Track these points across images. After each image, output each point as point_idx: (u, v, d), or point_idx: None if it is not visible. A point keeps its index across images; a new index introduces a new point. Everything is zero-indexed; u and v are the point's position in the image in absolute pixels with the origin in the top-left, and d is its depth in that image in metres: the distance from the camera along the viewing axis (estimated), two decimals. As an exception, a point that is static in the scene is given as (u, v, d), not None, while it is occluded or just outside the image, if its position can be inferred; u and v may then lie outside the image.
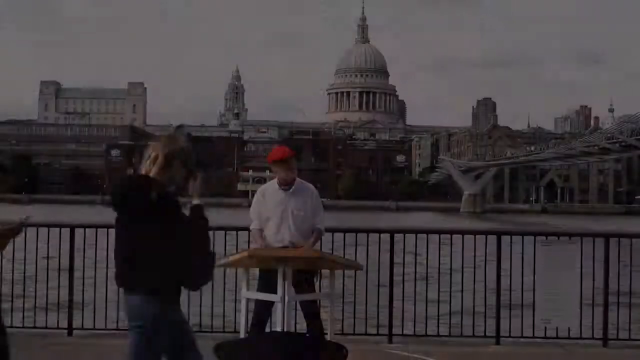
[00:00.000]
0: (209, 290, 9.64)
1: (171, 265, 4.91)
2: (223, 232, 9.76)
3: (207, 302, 9.74)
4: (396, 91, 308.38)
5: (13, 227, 4.89)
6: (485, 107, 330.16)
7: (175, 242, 4.90)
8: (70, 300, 9.46)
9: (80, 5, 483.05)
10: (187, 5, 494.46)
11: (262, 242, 7.43)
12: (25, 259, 9.88)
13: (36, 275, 10.17)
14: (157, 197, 4.90)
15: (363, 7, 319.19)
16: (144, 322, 4.94)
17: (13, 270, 9.67)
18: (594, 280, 9.74)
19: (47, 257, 9.55)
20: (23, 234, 4.95)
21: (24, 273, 10.03)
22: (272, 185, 7.56)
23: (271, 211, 7.44)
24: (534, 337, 9.55)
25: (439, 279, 10.02)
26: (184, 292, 9.62)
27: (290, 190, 7.43)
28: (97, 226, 9.73)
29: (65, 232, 9.57)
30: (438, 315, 10.25)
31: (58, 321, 9.68)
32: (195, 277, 5.10)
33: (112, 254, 9.85)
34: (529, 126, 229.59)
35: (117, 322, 9.82)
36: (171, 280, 4.98)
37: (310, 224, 7.49)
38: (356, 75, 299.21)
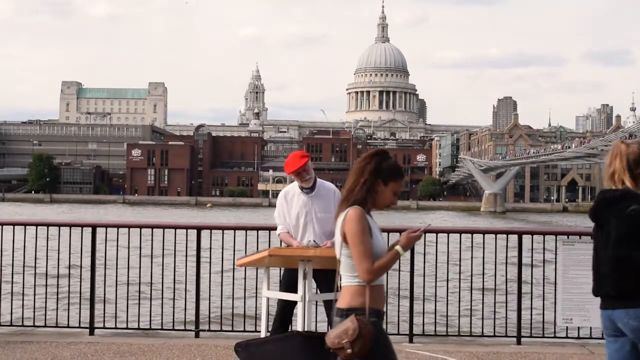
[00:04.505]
0: (229, 290, 9.71)
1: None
2: (244, 231, 9.79)
3: (228, 301, 9.76)
4: (416, 90, 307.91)
5: (418, 235, 4.77)
6: (506, 106, 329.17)
7: None
8: (92, 300, 9.52)
9: (101, 6, 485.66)
10: (207, 5, 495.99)
11: (297, 242, 7.33)
12: (47, 258, 9.94)
13: (58, 275, 10.23)
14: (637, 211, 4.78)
15: (383, 6, 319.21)
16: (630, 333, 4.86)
17: (36, 269, 9.74)
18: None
19: (69, 256, 9.60)
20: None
21: (46, 271, 10.08)
22: (294, 188, 7.50)
23: (296, 214, 7.41)
24: (555, 336, 9.51)
25: (459, 278, 9.98)
26: (205, 291, 9.64)
27: (313, 193, 7.40)
28: (118, 225, 9.78)
29: (87, 231, 9.63)
30: (459, 315, 10.22)
31: (80, 320, 9.74)
32: None
33: (132, 254, 9.94)
34: (549, 125, 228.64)
35: (138, 321, 9.87)
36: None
37: (333, 223, 7.44)
38: (376, 75, 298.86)
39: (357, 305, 4.57)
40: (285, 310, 7.39)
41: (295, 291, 6.78)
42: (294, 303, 7.09)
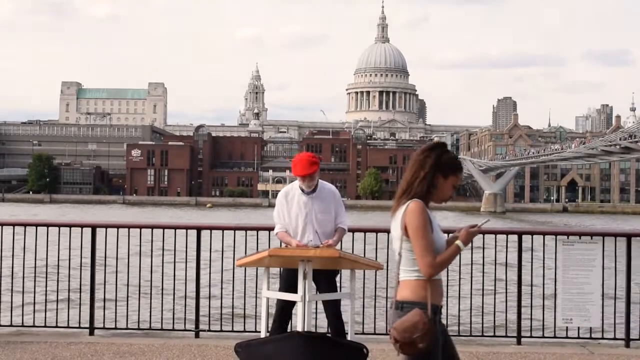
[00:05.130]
0: (229, 290, 9.71)
1: None
2: (244, 231, 9.78)
3: (228, 301, 9.75)
4: (416, 90, 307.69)
5: (477, 230, 4.69)
6: (506, 106, 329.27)
7: None
8: (92, 300, 9.51)
9: (101, 6, 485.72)
10: (207, 5, 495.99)
11: (297, 241, 7.33)
12: (47, 258, 9.93)
13: (58, 275, 10.23)
14: None
15: (383, 7, 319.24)
16: None
17: (36, 269, 9.73)
18: (616, 280, 9.68)
19: (69, 257, 9.60)
20: None
21: (46, 272, 10.08)
22: (294, 188, 7.49)
23: (295, 215, 7.40)
24: (555, 337, 9.50)
25: (459, 278, 9.97)
26: (205, 291, 9.62)
27: (313, 194, 7.39)
28: (118, 226, 9.77)
29: (87, 231, 9.62)
30: (459, 315, 10.21)
31: (80, 320, 9.73)
32: None
33: (132, 254, 9.94)
34: (549, 125, 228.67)
35: (138, 321, 9.87)
36: None
37: (333, 224, 7.47)
38: (376, 75, 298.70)
39: (417, 300, 4.52)
40: (285, 310, 7.39)
41: (294, 291, 6.77)
42: (294, 303, 7.09)
